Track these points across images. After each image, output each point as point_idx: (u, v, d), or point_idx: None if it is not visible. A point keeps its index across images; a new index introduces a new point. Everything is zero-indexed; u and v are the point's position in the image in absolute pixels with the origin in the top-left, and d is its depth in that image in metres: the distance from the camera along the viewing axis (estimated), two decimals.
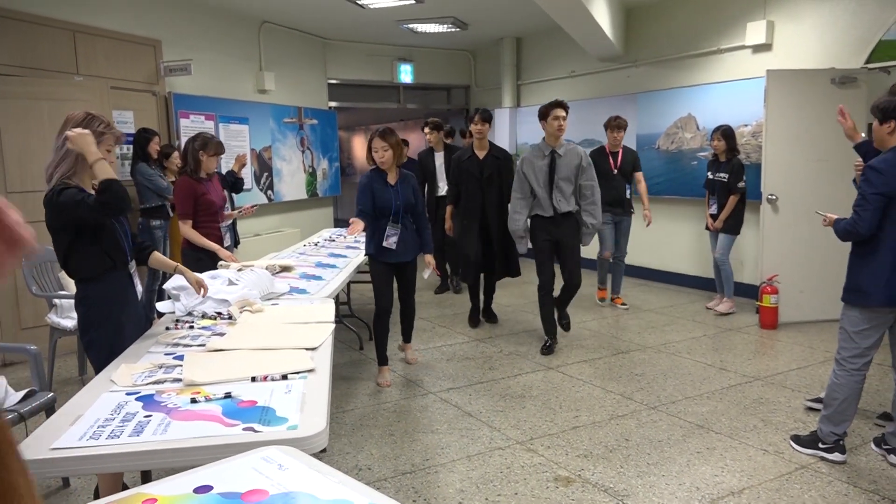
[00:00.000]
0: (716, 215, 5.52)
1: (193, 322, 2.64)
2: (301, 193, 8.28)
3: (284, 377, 1.98)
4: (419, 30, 7.97)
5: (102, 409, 1.74)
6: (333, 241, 5.30)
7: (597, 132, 7.26)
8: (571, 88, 7.91)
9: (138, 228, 5.23)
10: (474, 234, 5.12)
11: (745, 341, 4.95)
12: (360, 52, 8.86)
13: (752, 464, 2.99)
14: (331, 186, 8.89)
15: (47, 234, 2.42)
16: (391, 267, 4.08)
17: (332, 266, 4.14)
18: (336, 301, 3.36)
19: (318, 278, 3.71)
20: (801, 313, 5.29)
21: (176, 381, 1.96)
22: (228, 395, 1.82)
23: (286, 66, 7.89)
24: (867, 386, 3.19)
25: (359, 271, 4.38)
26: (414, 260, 4.17)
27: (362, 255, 4.33)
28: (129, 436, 1.58)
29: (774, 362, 4.44)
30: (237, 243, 4.89)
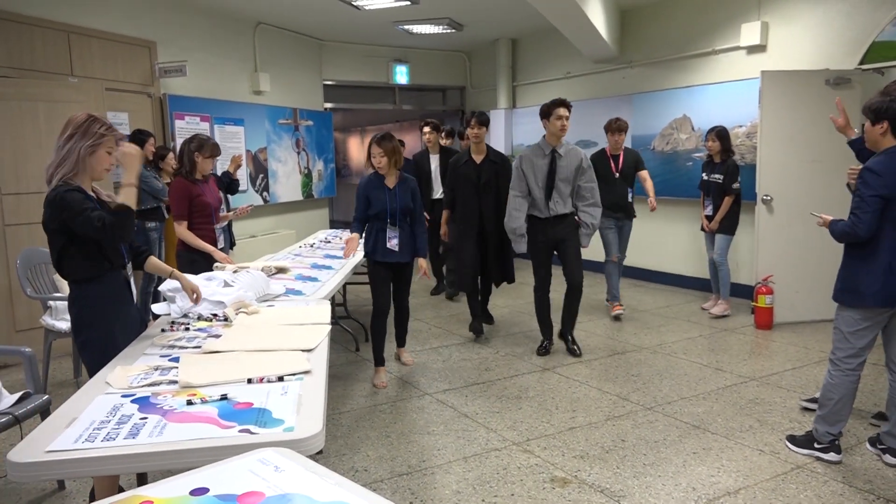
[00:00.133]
0: (711, 216, 5.53)
1: (189, 324, 2.63)
2: (297, 195, 8.27)
3: (280, 379, 1.97)
4: (415, 31, 7.97)
5: (98, 412, 1.73)
6: (329, 243, 5.29)
7: (592, 133, 7.29)
8: (567, 89, 7.91)
9: (134, 230, 5.21)
10: (472, 241, 4.95)
11: (741, 342, 4.96)
12: (356, 54, 8.86)
13: (748, 464, 3.00)
14: (326, 188, 8.88)
15: (43, 236, 2.41)
16: (389, 268, 4.10)
17: (328, 267, 4.13)
18: (332, 302, 3.35)
19: (314, 280, 3.71)
20: (796, 314, 5.31)
21: (172, 383, 1.95)
22: (224, 397, 1.82)
23: (281, 68, 7.88)
24: (862, 386, 3.21)
25: (355, 272, 4.39)
26: (411, 262, 4.19)
27: (360, 256, 4.32)
28: (125, 438, 1.57)
29: (770, 362, 4.45)
30: (233, 245, 4.88)
